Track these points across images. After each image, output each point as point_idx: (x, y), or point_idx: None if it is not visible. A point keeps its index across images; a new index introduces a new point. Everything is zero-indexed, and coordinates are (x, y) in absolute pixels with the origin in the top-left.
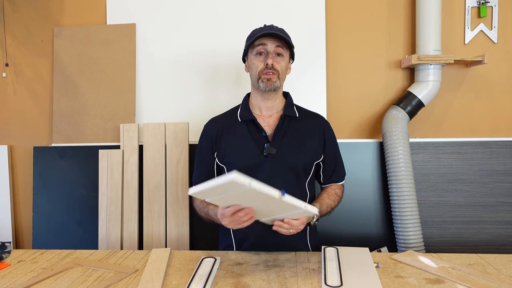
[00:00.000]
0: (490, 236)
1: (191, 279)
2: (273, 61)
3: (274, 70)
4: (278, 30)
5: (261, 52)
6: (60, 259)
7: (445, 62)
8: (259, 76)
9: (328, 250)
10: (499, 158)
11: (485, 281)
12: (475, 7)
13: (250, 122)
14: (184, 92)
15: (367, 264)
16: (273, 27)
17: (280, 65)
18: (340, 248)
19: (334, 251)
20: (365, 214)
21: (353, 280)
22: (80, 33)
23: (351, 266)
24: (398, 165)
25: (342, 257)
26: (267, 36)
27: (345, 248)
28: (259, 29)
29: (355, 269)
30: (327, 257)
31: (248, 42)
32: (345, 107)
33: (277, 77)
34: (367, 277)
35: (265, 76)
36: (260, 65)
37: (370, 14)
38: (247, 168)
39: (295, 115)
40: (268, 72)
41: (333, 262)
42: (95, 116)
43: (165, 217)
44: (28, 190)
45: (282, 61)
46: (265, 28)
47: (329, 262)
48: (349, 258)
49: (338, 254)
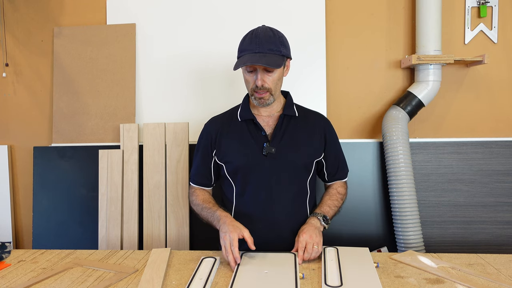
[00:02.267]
0: (490, 236)
1: (191, 279)
2: (263, 81)
3: (265, 89)
4: (268, 46)
5: (251, 70)
6: (60, 259)
7: (445, 62)
8: (252, 93)
9: (328, 250)
10: (499, 158)
11: (485, 281)
12: (475, 7)
13: (250, 122)
14: (184, 92)
15: (367, 264)
16: (262, 41)
17: (270, 80)
18: (340, 248)
19: (334, 251)
20: (365, 214)
21: (353, 280)
22: (80, 33)
23: (351, 266)
24: (398, 165)
25: (342, 257)
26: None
27: (345, 248)
28: (248, 42)
29: (355, 269)
30: (327, 257)
31: (238, 54)
32: (345, 107)
33: (269, 94)
34: (367, 277)
35: (256, 95)
36: (251, 82)
37: (370, 14)
38: (246, 167)
39: (295, 115)
40: (259, 91)
41: (333, 262)
42: (95, 116)
43: (165, 217)
44: (28, 190)
45: (273, 75)
46: (253, 45)
47: (329, 262)
48: (349, 258)
49: (338, 254)
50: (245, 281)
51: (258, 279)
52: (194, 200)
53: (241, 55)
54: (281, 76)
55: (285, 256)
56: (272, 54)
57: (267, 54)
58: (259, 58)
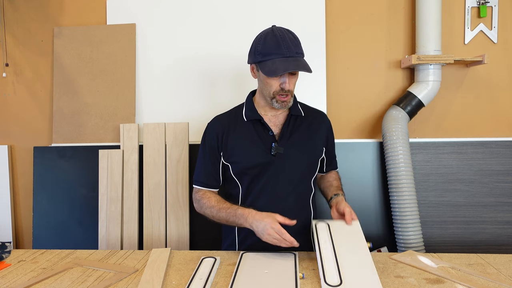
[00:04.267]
0: (490, 236)
1: (191, 279)
2: (289, 85)
3: (288, 92)
4: (295, 49)
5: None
6: (60, 259)
7: (445, 62)
8: (273, 96)
9: (319, 228)
10: (499, 158)
11: (485, 281)
12: (475, 7)
13: (256, 122)
14: (184, 92)
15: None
16: (289, 44)
17: (293, 82)
18: (331, 223)
19: (326, 228)
20: (365, 214)
21: (352, 278)
22: (80, 33)
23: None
24: (398, 165)
25: (335, 237)
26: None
27: (336, 222)
28: (273, 46)
29: (351, 256)
30: (320, 241)
31: (261, 57)
32: (345, 107)
33: (291, 96)
34: (366, 274)
35: (280, 98)
36: (275, 85)
37: (370, 14)
38: (255, 167)
39: (301, 114)
40: (283, 95)
41: (328, 252)
42: (95, 116)
43: (165, 217)
44: (28, 190)
45: (295, 78)
46: (283, 49)
47: (324, 252)
48: (343, 238)
49: (330, 232)
50: (245, 281)
51: (258, 279)
52: (206, 203)
53: (268, 59)
54: None
55: (285, 256)
56: (300, 57)
57: (297, 58)
58: (296, 63)
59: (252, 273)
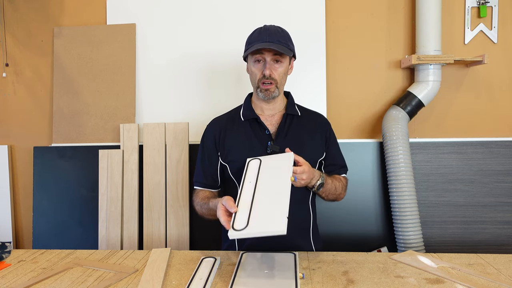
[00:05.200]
0: (490, 236)
1: (191, 279)
2: (271, 71)
3: (272, 80)
4: (276, 37)
5: (259, 60)
6: (60, 259)
7: (445, 62)
8: (258, 85)
9: (251, 164)
10: (499, 158)
11: (485, 281)
12: (475, 7)
13: (253, 121)
14: (184, 92)
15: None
16: (272, 33)
17: (278, 72)
18: (264, 159)
19: (257, 164)
20: (365, 214)
21: (258, 218)
22: (80, 33)
23: (266, 183)
24: (398, 165)
25: (262, 172)
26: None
27: (269, 157)
28: (257, 34)
29: (267, 195)
30: (245, 181)
31: (246, 47)
32: (345, 107)
33: (275, 86)
34: (273, 211)
35: (263, 86)
36: (258, 73)
37: (370, 14)
38: None
39: (297, 114)
40: (266, 81)
41: (247, 195)
42: (95, 116)
43: (165, 217)
44: (28, 190)
45: (281, 67)
46: (262, 36)
47: (244, 192)
48: (268, 174)
49: (259, 168)
50: (245, 281)
51: (258, 279)
52: (195, 200)
53: (250, 46)
54: (287, 71)
55: (285, 256)
56: (281, 45)
57: (277, 44)
58: (270, 45)
59: (252, 273)
